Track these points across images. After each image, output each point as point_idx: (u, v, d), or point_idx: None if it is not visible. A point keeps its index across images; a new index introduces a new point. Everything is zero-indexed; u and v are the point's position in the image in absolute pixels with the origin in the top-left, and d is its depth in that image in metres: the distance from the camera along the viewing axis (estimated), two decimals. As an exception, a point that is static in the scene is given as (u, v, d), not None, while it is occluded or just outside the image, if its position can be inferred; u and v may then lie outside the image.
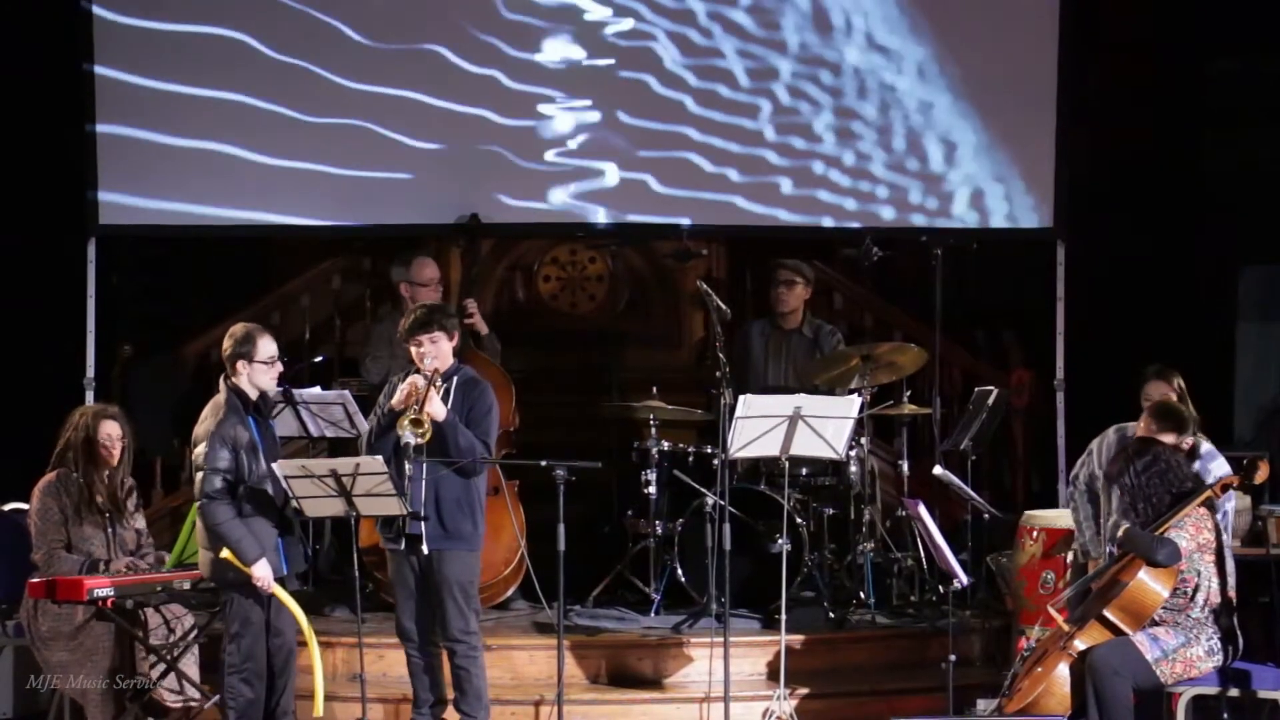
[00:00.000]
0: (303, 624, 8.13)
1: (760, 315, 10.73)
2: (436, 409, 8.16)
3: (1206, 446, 8.42)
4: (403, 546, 8.28)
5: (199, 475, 8.06)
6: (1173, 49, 11.71)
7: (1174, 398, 8.56)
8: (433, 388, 8.16)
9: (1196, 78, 11.73)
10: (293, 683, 8.22)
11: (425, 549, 8.21)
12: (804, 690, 9.00)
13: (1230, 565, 7.91)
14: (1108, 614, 7.74)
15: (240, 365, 8.16)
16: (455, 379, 8.36)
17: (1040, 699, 7.77)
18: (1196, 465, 8.19)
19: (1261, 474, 7.97)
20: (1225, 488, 7.90)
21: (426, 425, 8.09)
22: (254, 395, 8.19)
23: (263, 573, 8.01)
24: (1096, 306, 11.35)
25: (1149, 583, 7.71)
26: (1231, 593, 7.88)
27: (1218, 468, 8.31)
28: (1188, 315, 11.31)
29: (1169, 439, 8.01)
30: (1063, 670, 7.77)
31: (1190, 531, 7.77)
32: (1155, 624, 7.81)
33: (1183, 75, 11.74)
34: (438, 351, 8.29)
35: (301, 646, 8.26)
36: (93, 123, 10.59)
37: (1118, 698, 7.63)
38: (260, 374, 8.19)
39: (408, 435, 8.07)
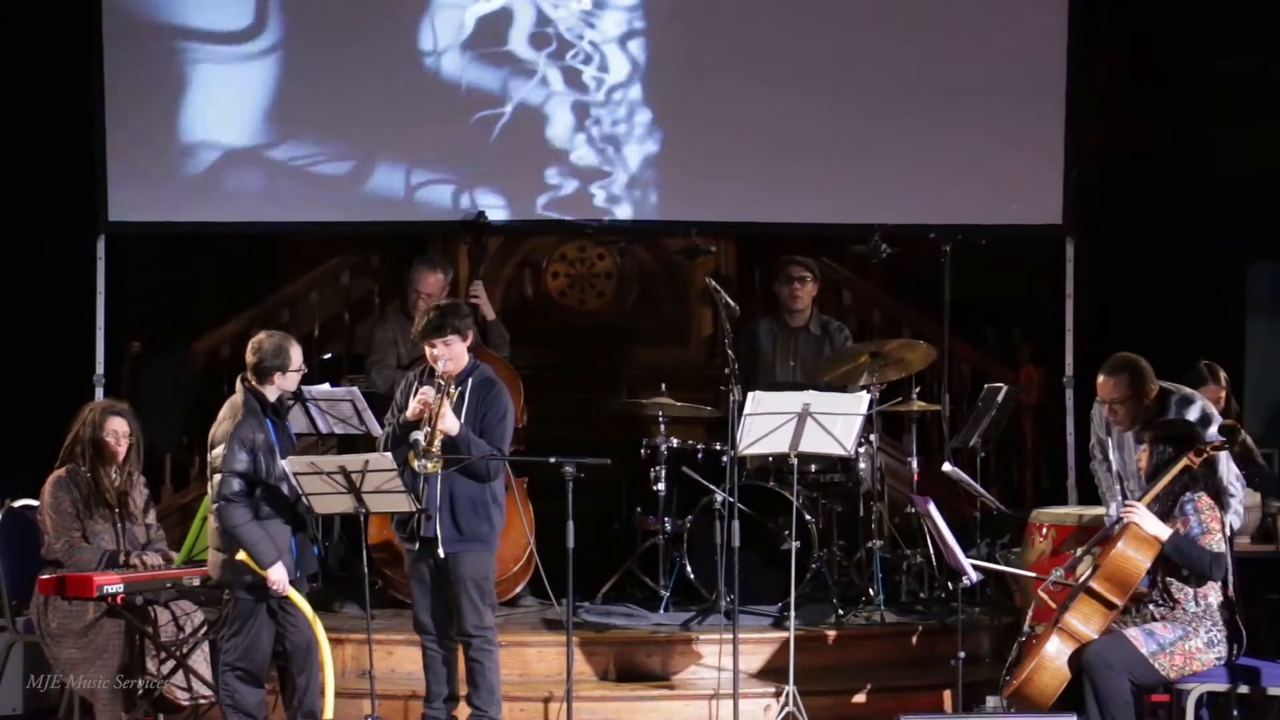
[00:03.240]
0: (315, 626, 8.12)
1: (768, 312, 10.72)
2: (449, 424, 8.12)
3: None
4: (418, 548, 8.27)
5: (217, 478, 8.07)
6: (1181, 46, 11.69)
7: (1223, 395, 8.82)
8: (445, 400, 8.14)
9: (1205, 75, 11.71)
10: (315, 682, 8.19)
11: (441, 553, 8.20)
12: (813, 687, 8.99)
13: (1227, 558, 7.89)
14: (1093, 585, 7.78)
15: (276, 377, 8.20)
16: (470, 380, 8.33)
17: (1034, 675, 7.76)
18: None
19: (1233, 441, 8.01)
20: (1199, 453, 7.86)
21: (436, 454, 8.03)
22: (272, 398, 8.22)
23: (278, 576, 8.02)
24: (1105, 303, 11.33)
25: (1129, 551, 7.74)
26: (1229, 585, 7.86)
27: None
28: (1197, 312, 11.29)
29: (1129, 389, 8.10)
30: (1055, 645, 7.78)
31: (1213, 525, 7.77)
32: (1152, 619, 7.82)
33: (1191, 72, 11.71)
34: (451, 354, 8.25)
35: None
36: (102, 119, 10.59)
37: (1115, 693, 7.63)
38: (291, 381, 8.28)
39: (418, 467, 8.04)
